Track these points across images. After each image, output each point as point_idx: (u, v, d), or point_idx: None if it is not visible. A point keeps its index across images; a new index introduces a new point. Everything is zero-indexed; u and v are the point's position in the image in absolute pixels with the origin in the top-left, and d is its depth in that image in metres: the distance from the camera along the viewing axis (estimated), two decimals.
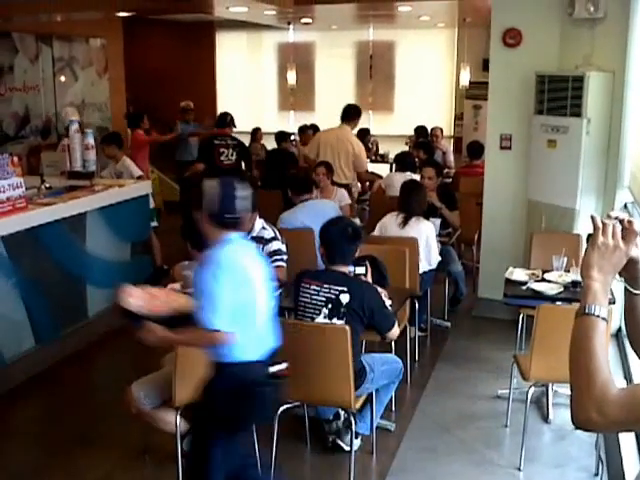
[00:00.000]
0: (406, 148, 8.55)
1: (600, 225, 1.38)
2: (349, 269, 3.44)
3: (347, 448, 3.49)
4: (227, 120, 7.16)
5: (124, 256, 5.59)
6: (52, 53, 8.69)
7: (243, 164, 6.71)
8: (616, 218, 1.40)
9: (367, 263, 3.62)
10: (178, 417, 3.22)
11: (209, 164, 6.46)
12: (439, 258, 4.82)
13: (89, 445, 3.76)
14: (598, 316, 1.32)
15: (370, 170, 8.08)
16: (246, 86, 11.89)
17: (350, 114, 6.56)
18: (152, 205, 6.26)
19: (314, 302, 3.30)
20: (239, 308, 2.51)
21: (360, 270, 3.52)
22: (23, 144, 8.17)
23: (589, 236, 1.40)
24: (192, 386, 3.17)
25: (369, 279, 3.58)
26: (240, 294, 2.52)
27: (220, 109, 11.74)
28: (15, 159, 4.69)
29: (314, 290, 3.31)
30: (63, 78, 8.91)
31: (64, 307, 4.90)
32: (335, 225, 3.45)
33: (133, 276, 5.58)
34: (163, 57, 11.44)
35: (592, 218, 1.41)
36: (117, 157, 6.29)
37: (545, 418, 3.93)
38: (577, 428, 1.31)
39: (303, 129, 8.98)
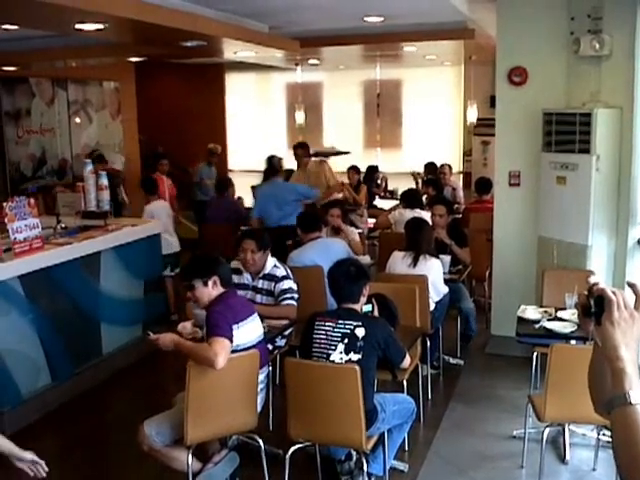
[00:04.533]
0: (413, 184, 8.59)
1: (614, 298, 1.28)
2: (359, 307, 3.46)
3: None
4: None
5: (137, 294, 5.64)
6: (67, 96, 8.91)
7: None
8: (630, 285, 1.32)
9: (373, 301, 3.65)
10: (190, 456, 3.22)
11: None
12: (446, 289, 4.81)
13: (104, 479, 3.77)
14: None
15: (379, 206, 8.16)
16: (256, 125, 12.06)
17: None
18: (177, 249, 6.40)
19: (330, 338, 3.33)
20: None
21: (367, 308, 3.55)
22: (39, 185, 8.31)
23: (596, 302, 1.31)
24: (204, 425, 3.20)
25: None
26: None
27: (230, 148, 11.93)
28: (32, 201, 4.79)
29: (329, 326, 3.34)
30: (78, 120, 9.11)
31: (79, 344, 4.96)
32: (339, 267, 3.53)
33: (145, 314, 5.64)
34: (174, 98, 11.65)
35: (603, 291, 1.30)
36: (149, 200, 6.48)
37: (562, 458, 3.86)
38: None
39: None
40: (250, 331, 3.40)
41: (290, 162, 8.09)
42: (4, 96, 8.09)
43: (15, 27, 5.27)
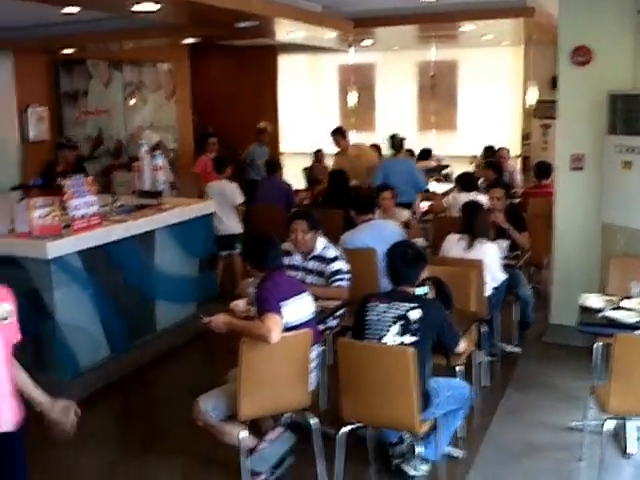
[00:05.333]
0: (470, 168, 8.42)
1: None
2: (414, 290, 3.41)
3: (412, 473, 3.44)
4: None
5: (191, 272, 5.70)
6: (123, 78, 9.03)
7: None
8: None
9: (430, 283, 3.59)
10: (243, 432, 3.25)
11: None
12: (504, 276, 4.69)
13: (156, 453, 3.88)
14: None
15: (431, 190, 8.04)
16: (307, 107, 12.01)
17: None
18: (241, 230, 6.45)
19: (382, 320, 3.29)
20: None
21: (423, 290, 3.49)
22: (96, 164, 8.48)
23: None
24: (256, 401, 3.21)
25: None
26: None
27: (282, 130, 11.92)
28: (90, 179, 4.91)
29: (382, 308, 3.31)
30: (133, 102, 9.23)
31: (134, 320, 5.07)
32: (396, 249, 3.50)
33: (199, 292, 5.70)
34: (226, 80, 11.68)
35: None
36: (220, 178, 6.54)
37: (624, 452, 3.73)
38: None
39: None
40: (298, 309, 3.41)
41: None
42: (63, 77, 8.27)
43: (76, 9, 5.33)
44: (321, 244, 4.25)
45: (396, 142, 7.48)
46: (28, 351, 2.25)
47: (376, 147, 8.67)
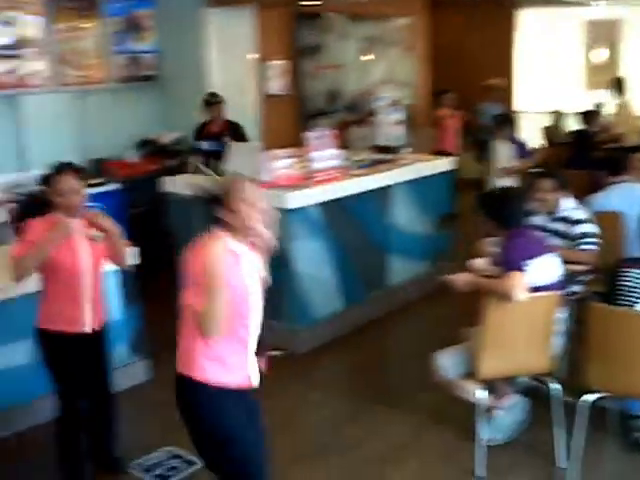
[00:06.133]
0: None
1: None
2: None
3: None
4: None
5: (426, 229, 5.67)
6: (360, 32, 9.08)
7: None
8: None
9: None
10: (481, 391, 3.20)
11: None
12: None
13: (388, 405, 3.92)
14: None
15: None
16: (545, 65, 11.25)
17: None
18: None
19: (636, 287, 3.06)
20: None
21: None
22: (333, 119, 8.69)
23: None
24: (496, 361, 3.14)
25: None
26: None
27: (518, 89, 11.31)
28: (332, 132, 5.04)
29: (635, 274, 3.08)
30: (369, 56, 9.28)
31: (368, 274, 5.16)
32: None
33: (433, 249, 5.69)
34: (460, 35, 11.35)
35: None
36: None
37: None
38: None
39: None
40: (544, 270, 3.24)
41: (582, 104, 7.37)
42: (302, 31, 8.29)
43: None
44: (567, 205, 4.01)
45: None
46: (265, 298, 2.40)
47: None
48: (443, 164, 5.85)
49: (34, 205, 2.94)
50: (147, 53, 6.82)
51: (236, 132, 5.93)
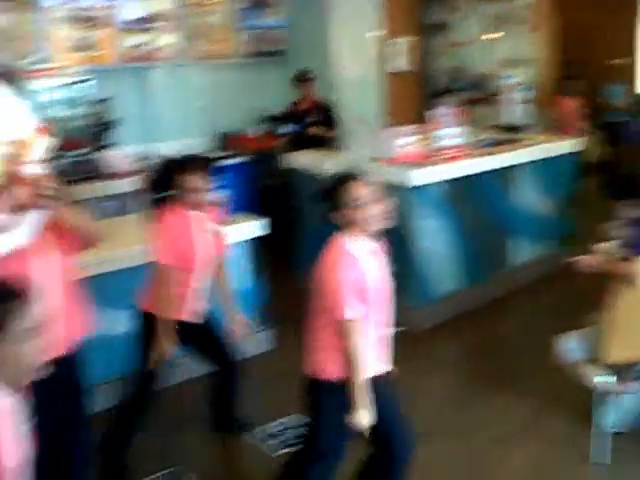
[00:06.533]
0: None
1: None
2: None
3: None
4: None
5: (549, 210, 5.54)
6: (484, 10, 8.89)
7: None
8: None
9: None
10: (604, 376, 3.14)
11: None
12: None
13: (507, 386, 3.90)
14: None
15: None
16: None
17: None
18: None
19: None
20: None
21: None
22: (456, 97, 8.59)
23: None
24: (624, 346, 3.06)
25: None
26: None
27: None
28: (456, 110, 5.00)
29: None
30: (494, 35, 9.06)
31: (489, 254, 5.12)
32: None
33: (556, 231, 5.54)
34: (587, 14, 10.74)
35: None
36: None
37: None
38: None
39: None
40: None
41: None
42: (428, 8, 8.34)
43: None
44: None
45: None
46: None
47: None
48: (569, 145, 5.66)
49: (168, 173, 2.99)
50: (274, 29, 6.94)
51: (324, 114, 5.78)
